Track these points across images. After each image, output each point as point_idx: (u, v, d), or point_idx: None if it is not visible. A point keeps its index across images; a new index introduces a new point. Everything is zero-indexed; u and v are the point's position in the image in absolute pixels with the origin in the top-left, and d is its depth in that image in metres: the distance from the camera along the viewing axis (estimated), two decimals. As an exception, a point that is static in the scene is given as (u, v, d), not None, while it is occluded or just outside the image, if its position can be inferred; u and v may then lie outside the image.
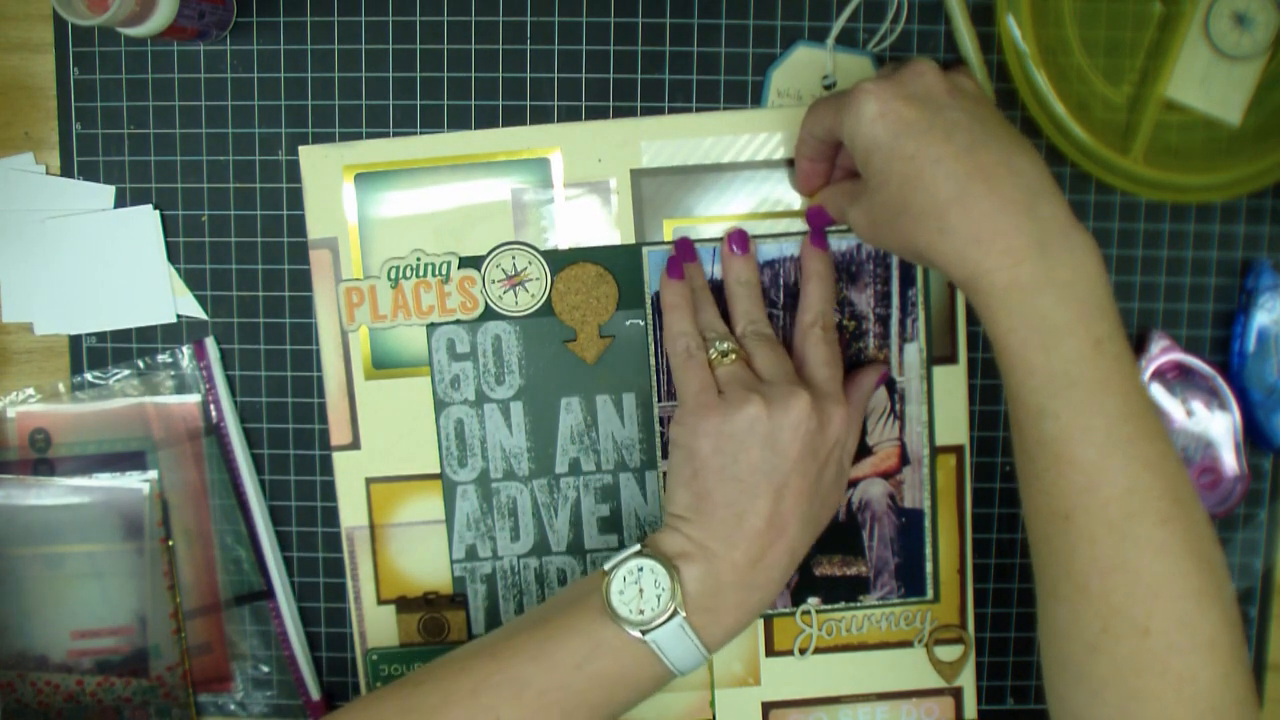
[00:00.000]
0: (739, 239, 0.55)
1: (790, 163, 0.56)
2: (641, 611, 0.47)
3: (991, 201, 0.44)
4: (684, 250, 0.56)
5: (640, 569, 0.47)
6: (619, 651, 0.47)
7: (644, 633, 0.47)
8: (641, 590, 0.47)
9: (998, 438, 0.59)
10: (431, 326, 0.57)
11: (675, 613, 0.47)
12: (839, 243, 0.57)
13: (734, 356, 0.51)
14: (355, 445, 0.58)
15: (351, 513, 0.58)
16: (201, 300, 0.58)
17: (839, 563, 0.59)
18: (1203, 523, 0.43)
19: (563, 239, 0.57)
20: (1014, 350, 0.44)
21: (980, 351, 0.58)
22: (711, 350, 0.52)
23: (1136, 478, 0.42)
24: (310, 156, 0.56)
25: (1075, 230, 0.44)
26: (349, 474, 0.58)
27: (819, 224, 0.55)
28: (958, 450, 0.58)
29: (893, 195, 0.46)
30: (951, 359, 0.58)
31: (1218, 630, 0.42)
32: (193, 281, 0.58)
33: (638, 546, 0.48)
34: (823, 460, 0.50)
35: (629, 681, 0.48)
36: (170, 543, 0.59)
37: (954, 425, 0.58)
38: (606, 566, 0.48)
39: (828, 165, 0.54)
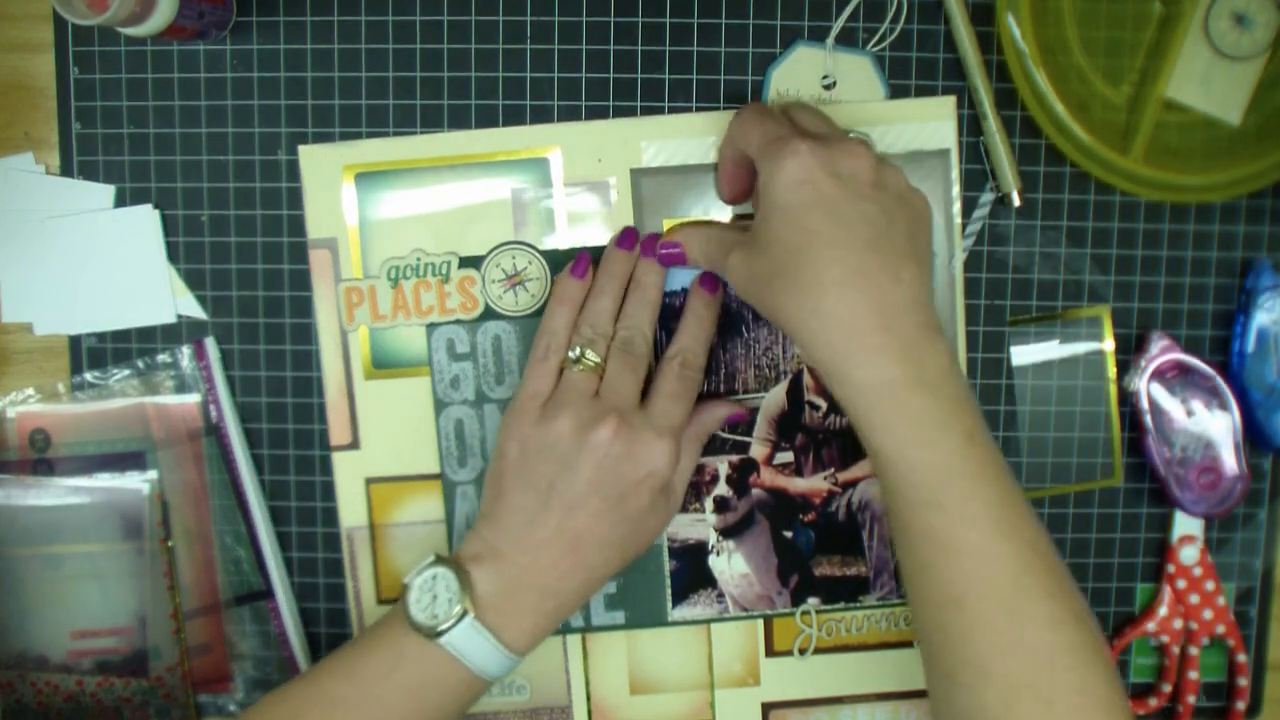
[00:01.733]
0: (649, 243, 0.55)
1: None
2: (435, 616, 0.48)
3: (869, 301, 0.45)
4: (626, 239, 0.55)
5: (435, 576, 0.49)
6: (420, 659, 0.48)
7: (438, 635, 0.48)
8: (435, 596, 0.48)
9: (996, 439, 0.59)
10: (431, 326, 0.57)
11: (464, 614, 0.48)
12: None
13: (586, 366, 0.51)
14: (355, 445, 0.58)
15: (351, 513, 0.58)
16: (201, 300, 0.58)
17: (839, 563, 0.59)
18: (1075, 587, 0.45)
19: (562, 239, 0.57)
20: (892, 448, 0.45)
21: (980, 352, 0.58)
22: (572, 352, 0.52)
23: (1022, 558, 0.44)
24: (310, 156, 0.56)
25: (936, 335, 0.46)
26: (349, 474, 0.58)
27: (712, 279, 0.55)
28: None
29: (778, 258, 0.46)
30: (951, 359, 0.58)
31: (1109, 689, 0.43)
32: (193, 281, 0.58)
33: (433, 556, 0.50)
34: (628, 487, 0.50)
35: (438, 688, 0.49)
36: (170, 543, 0.59)
37: (954, 425, 0.58)
38: (406, 579, 0.49)
39: (750, 173, 0.53)
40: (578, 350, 0.52)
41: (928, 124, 0.56)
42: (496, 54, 0.57)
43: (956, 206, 0.57)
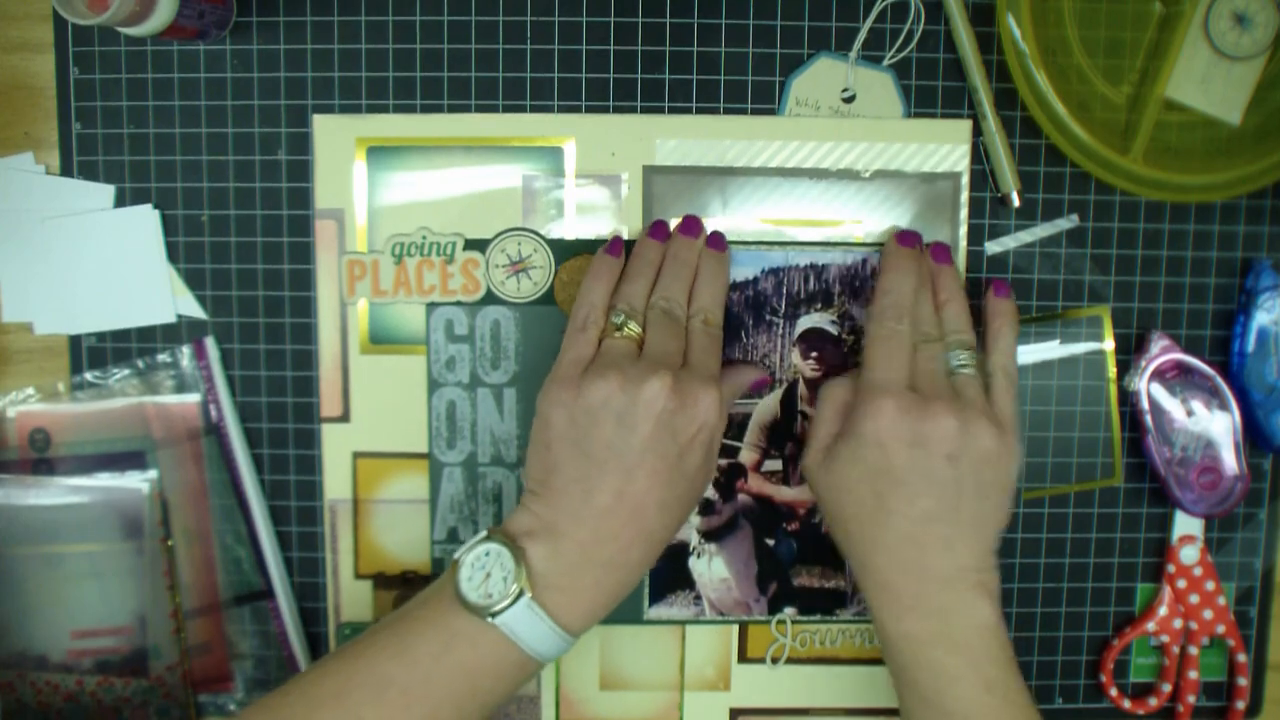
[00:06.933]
0: (691, 223, 0.55)
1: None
2: (489, 595, 0.46)
3: (913, 570, 0.48)
4: (657, 230, 0.56)
5: (487, 553, 0.47)
6: (474, 640, 0.46)
7: (493, 616, 0.46)
8: (489, 574, 0.46)
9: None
10: (431, 306, 0.57)
11: (521, 594, 0.46)
12: (845, 256, 0.56)
13: (626, 333, 0.51)
14: (345, 418, 0.58)
15: (336, 485, 0.58)
16: (201, 300, 0.58)
17: (819, 575, 0.59)
18: None
19: (569, 229, 0.57)
20: (907, 686, 0.49)
21: (981, 353, 0.58)
22: (612, 319, 0.51)
23: None
24: (324, 127, 0.56)
25: (977, 596, 0.48)
26: (336, 446, 0.58)
27: (719, 241, 0.55)
28: None
29: (842, 500, 0.50)
30: (951, 361, 0.58)
31: None
32: (193, 281, 0.58)
33: (485, 532, 0.48)
34: (685, 443, 0.48)
35: (490, 670, 0.47)
36: (170, 542, 0.59)
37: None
38: (456, 555, 0.48)
39: None
40: (621, 318, 0.51)
41: (942, 145, 0.56)
42: (496, 54, 0.57)
43: (963, 230, 0.57)
